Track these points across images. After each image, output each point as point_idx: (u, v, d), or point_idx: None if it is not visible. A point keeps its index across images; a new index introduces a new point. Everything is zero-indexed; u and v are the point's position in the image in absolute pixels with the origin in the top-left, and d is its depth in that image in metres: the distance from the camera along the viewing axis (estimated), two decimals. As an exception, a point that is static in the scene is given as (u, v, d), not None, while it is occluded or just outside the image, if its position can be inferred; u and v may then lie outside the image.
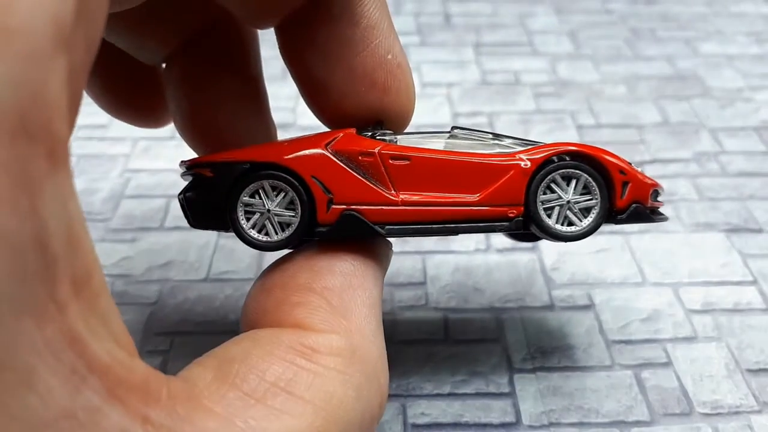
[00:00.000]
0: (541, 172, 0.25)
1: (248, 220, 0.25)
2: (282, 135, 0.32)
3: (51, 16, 0.14)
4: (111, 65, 0.30)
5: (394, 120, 0.28)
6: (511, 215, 0.25)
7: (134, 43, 0.29)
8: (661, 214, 0.27)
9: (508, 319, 0.34)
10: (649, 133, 0.49)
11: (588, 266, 0.37)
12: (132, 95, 0.32)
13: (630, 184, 0.25)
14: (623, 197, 0.25)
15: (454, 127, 0.27)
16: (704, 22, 0.64)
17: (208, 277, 0.36)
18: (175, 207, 0.41)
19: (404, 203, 0.24)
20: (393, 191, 0.25)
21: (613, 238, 0.39)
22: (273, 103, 0.31)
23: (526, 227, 0.25)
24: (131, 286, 0.36)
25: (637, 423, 0.29)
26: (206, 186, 0.25)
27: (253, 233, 0.25)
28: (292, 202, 0.24)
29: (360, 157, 0.25)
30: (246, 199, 0.25)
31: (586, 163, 0.25)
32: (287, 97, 0.27)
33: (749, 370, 0.31)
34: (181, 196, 0.26)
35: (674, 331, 0.33)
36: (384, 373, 0.23)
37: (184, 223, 0.32)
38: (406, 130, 0.28)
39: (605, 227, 0.41)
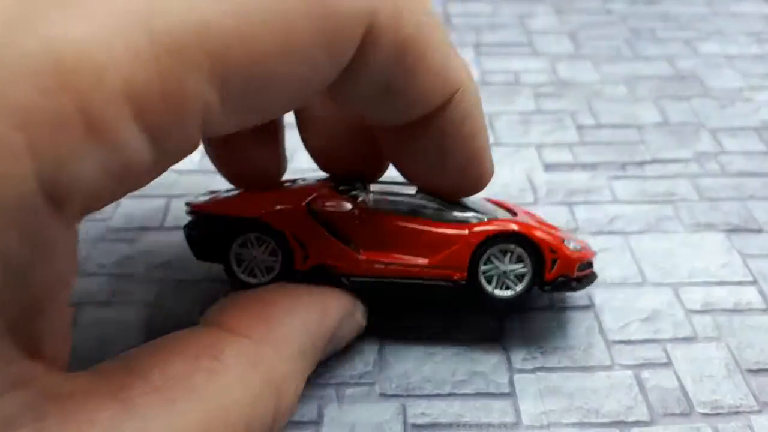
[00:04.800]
0: (483, 248, 0.29)
1: (239, 264, 0.30)
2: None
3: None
4: None
5: (372, 178, 0.32)
6: (455, 277, 0.30)
7: None
8: (589, 278, 0.32)
9: (508, 319, 0.34)
10: (649, 133, 0.49)
11: (588, 266, 0.37)
12: None
13: (558, 261, 0.30)
14: (551, 271, 0.30)
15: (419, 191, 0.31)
16: (704, 22, 0.64)
17: (208, 277, 0.36)
18: (176, 207, 0.41)
19: (367, 261, 0.30)
20: (360, 248, 0.30)
21: (613, 238, 0.39)
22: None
23: (468, 287, 0.30)
24: (131, 285, 0.36)
25: (637, 423, 0.29)
26: (203, 232, 0.31)
27: (244, 276, 0.30)
28: (274, 250, 0.30)
29: (335, 217, 0.30)
30: (236, 248, 0.30)
31: (523, 242, 0.29)
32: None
33: (749, 370, 0.31)
34: (186, 231, 0.31)
35: (674, 331, 0.33)
36: (288, 397, 0.24)
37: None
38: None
39: (605, 228, 0.41)
